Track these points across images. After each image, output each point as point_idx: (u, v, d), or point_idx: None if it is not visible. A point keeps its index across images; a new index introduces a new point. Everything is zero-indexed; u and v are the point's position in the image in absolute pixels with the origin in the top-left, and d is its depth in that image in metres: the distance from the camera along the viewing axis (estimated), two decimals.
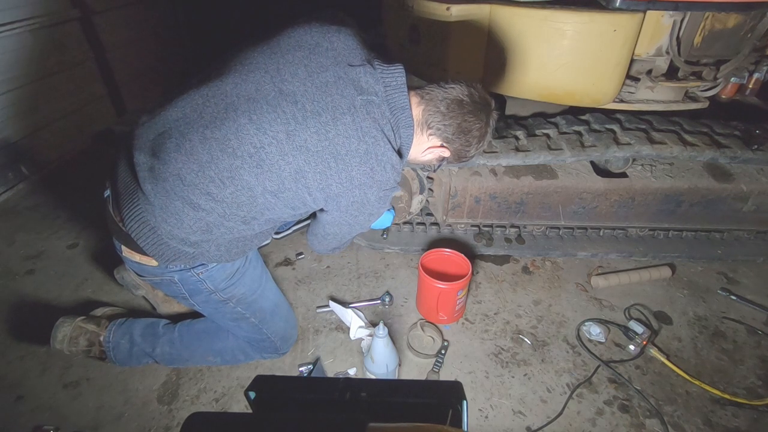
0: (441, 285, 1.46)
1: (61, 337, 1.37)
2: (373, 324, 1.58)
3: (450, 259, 1.64)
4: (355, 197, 1.07)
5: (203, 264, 1.18)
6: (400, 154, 1.13)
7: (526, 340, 1.55)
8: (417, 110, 1.14)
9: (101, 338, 1.38)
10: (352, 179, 1.04)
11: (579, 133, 1.71)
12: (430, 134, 1.16)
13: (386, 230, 1.77)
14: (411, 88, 1.13)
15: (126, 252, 1.17)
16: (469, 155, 1.22)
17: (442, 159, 1.23)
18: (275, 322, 1.38)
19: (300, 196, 1.07)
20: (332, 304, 1.63)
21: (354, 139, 1.02)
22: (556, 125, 1.77)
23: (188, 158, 1.01)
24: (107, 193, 1.16)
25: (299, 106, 1.00)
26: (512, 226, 1.89)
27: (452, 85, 1.13)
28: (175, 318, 1.50)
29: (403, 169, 1.30)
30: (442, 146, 1.18)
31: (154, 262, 1.15)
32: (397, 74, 1.09)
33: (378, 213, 1.16)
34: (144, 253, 1.12)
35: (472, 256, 1.75)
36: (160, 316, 1.55)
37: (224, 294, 1.24)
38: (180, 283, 1.20)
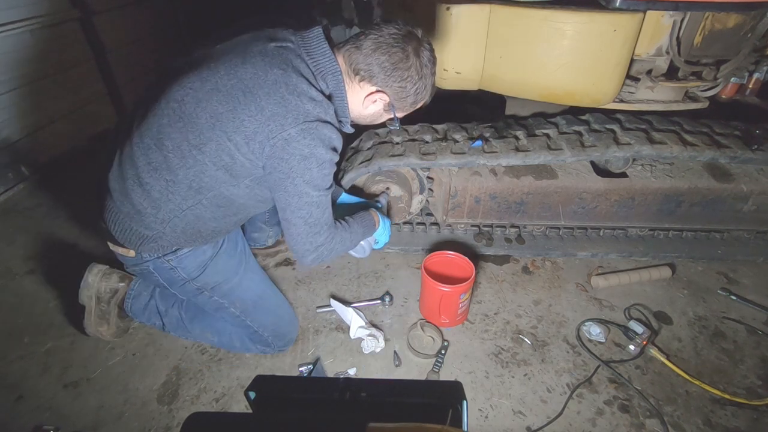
0: (443, 288, 1.46)
1: (96, 270, 1.47)
2: (374, 324, 1.58)
3: (453, 261, 1.63)
4: (273, 132, 1.01)
5: (173, 252, 1.21)
6: (330, 98, 1.10)
7: (526, 340, 1.55)
8: (341, 59, 1.13)
9: (130, 282, 1.49)
10: (263, 109, 1.00)
11: (579, 133, 1.71)
12: (361, 81, 1.13)
13: None
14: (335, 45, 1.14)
15: (110, 245, 1.25)
16: (416, 96, 1.17)
17: (389, 105, 1.18)
18: (260, 315, 1.39)
19: (223, 147, 1.04)
20: (333, 302, 1.63)
21: (261, 72, 1.02)
22: (556, 125, 1.77)
23: (136, 137, 1.08)
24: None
25: (215, 59, 1.07)
26: (512, 226, 1.89)
27: (370, 29, 1.12)
28: None
29: (351, 125, 1.23)
30: (378, 91, 1.15)
31: (131, 253, 1.21)
32: (314, 29, 1.11)
33: (321, 163, 1.06)
34: (120, 244, 1.20)
35: (473, 256, 1.75)
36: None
37: (197, 282, 1.28)
38: (155, 272, 1.25)
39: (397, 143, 1.73)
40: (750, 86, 2.17)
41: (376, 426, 0.60)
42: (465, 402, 0.70)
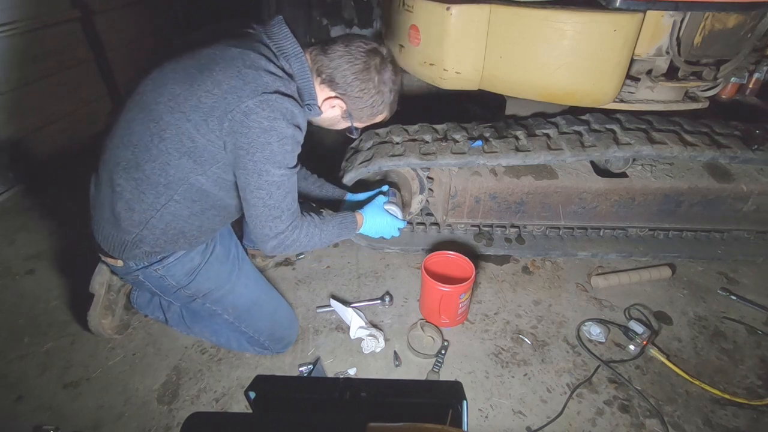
0: (443, 288, 1.46)
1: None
2: (374, 324, 1.58)
3: (454, 261, 1.63)
4: (231, 106, 0.98)
5: (159, 261, 1.21)
6: (291, 77, 1.09)
7: (526, 340, 1.55)
8: (307, 56, 1.13)
9: None
10: (220, 84, 0.99)
11: (579, 133, 1.71)
12: (322, 83, 1.14)
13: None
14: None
15: (102, 257, 1.26)
16: (372, 109, 1.18)
17: (346, 113, 1.19)
18: (255, 320, 1.38)
19: (183, 129, 1.02)
20: (333, 302, 1.63)
21: (219, 51, 1.02)
22: (556, 125, 1.77)
23: (107, 140, 1.11)
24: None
25: (177, 51, 1.07)
26: (512, 226, 1.89)
27: (339, 38, 1.14)
28: None
29: (312, 112, 1.20)
30: (336, 97, 1.16)
31: (119, 263, 1.22)
32: (276, 18, 1.12)
33: (282, 138, 1.04)
34: (107, 254, 1.21)
35: (473, 256, 1.75)
36: None
37: (189, 290, 1.27)
38: (146, 281, 1.25)
39: (397, 143, 1.74)
40: (750, 86, 2.16)
41: (376, 426, 0.60)
42: (465, 402, 0.70)
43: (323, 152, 2.13)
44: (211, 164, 1.07)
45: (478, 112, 2.33)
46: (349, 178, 1.71)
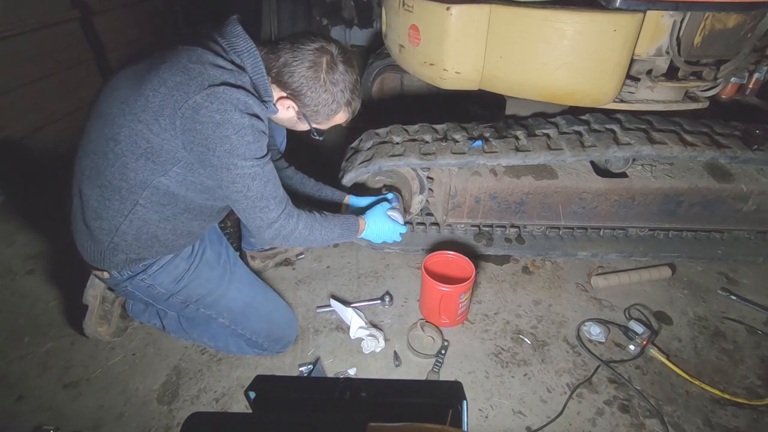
0: (443, 288, 1.46)
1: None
2: (374, 324, 1.58)
3: (454, 261, 1.63)
4: (179, 102, 0.96)
5: (143, 270, 1.20)
6: (243, 70, 1.07)
7: (526, 340, 1.55)
8: (260, 54, 1.10)
9: None
10: (165, 81, 0.97)
11: (579, 133, 1.71)
12: (273, 82, 1.12)
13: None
14: None
15: (92, 271, 1.26)
16: (326, 109, 1.15)
17: (300, 114, 1.17)
18: (252, 322, 1.38)
19: (136, 130, 1.00)
20: (333, 302, 1.63)
21: (168, 51, 1.02)
22: (556, 125, 1.77)
23: (75, 154, 1.11)
24: None
25: (135, 58, 1.08)
26: (512, 226, 1.89)
27: (288, 38, 1.12)
28: None
29: (270, 109, 1.16)
30: (287, 97, 1.13)
31: (105, 274, 1.21)
32: (230, 18, 1.10)
33: (239, 129, 1.00)
34: (93, 266, 1.21)
35: (473, 256, 1.75)
36: None
37: (180, 296, 1.27)
38: (136, 291, 1.25)
39: (397, 143, 1.74)
40: (750, 86, 2.17)
41: (376, 426, 0.60)
42: (465, 402, 0.70)
43: (324, 153, 2.13)
44: (171, 164, 1.05)
45: (478, 112, 2.33)
46: (348, 179, 1.71)
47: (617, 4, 1.44)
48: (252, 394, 0.74)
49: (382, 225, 1.44)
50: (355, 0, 3.63)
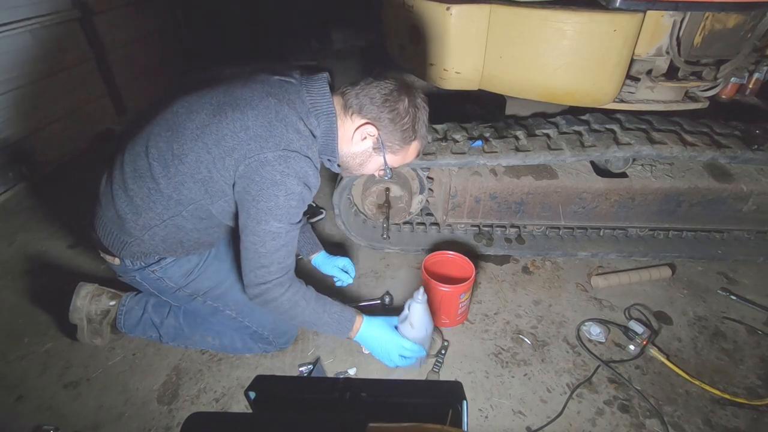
0: (443, 288, 1.46)
1: (84, 293, 1.44)
2: None
3: (454, 261, 1.63)
4: (251, 152, 1.01)
5: (156, 262, 1.22)
6: (317, 137, 1.12)
7: (526, 340, 1.55)
8: (336, 99, 1.15)
9: (120, 299, 1.47)
10: (247, 129, 1.02)
11: (579, 133, 1.71)
12: (352, 113, 1.14)
13: (387, 232, 1.76)
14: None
15: (100, 253, 1.27)
16: (403, 133, 1.14)
17: (378, 141, 1.15)
18: (258, 314, 1.38)
19: (202, 159, 1.04)
20: None
21: (257, 97, 1.05)
22: (556, 125, 1.77)
23: (129, 145, 1.12)
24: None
25: (218, 80, 1.12)
26: (512, 226, 1.89)
27: (368, 77, 1.16)
28: None
29: (339, 166, 1.23)
30: (367, 123, 1.13)
31: (117, 261, 1.23)
32: (321, 74, 1.15)
33: (289, 193, 1.04)
34: (106, 251, 1.23)
35: (473, 256, 1.75)
36: None
37: (188, 289, 1.29)
38: (143, 281, 1.27)
39: None
40: (750, 86, 2.17)
41: (376, 426, 0.60)
42: (465, 402, 0.70)
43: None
44: (219, 197, 1.11)
45: (478, 112, 2.33)
46: (348, 179, 1.71)
47: (617, 4, 1.44)
48: (252, 394, 0.74)
49: (380, 335, 1.27)
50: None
